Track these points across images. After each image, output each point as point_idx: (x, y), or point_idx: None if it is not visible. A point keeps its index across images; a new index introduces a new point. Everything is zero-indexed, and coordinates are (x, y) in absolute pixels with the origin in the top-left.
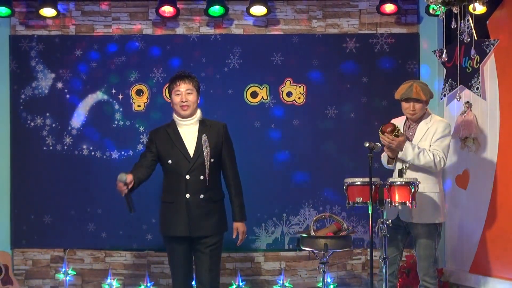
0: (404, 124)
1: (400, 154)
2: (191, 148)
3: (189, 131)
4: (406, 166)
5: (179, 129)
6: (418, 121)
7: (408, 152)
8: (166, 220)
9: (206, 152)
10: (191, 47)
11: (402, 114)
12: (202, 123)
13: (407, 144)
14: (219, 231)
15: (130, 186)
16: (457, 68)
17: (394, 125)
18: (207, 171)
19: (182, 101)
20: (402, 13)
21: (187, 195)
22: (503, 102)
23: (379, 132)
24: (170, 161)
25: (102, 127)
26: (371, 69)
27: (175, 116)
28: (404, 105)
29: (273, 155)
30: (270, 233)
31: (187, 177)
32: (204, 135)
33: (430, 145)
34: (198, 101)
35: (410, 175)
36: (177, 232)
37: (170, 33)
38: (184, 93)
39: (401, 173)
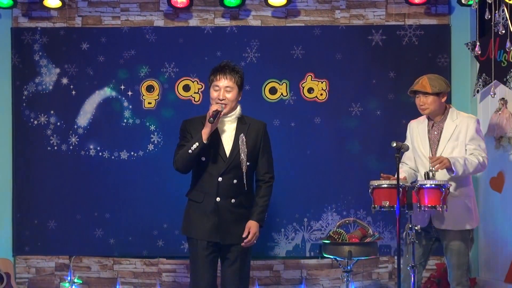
0: (426, 125)
1: (450, 174)
2: (227, 148)
3: (226, 130)
4: (433, 168)
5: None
6: (442, 118)
7: (457, 168)
8: (192, 221)
9: (243, 154)
10: (206, 40)
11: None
12: (240, 120)
13: (452, 160)
14: None
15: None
16: (491, 62)
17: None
18: (244, 176)
19: (219, 99)
20: (432, 3)
21: (218, 199)
22: None
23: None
24: (203, 158)
25: (110, 125)
26: (399, 63)
27: None
28: (415, 100)
29: (293, 155)
30: (290, 240)
31: (220, 179)
32: (242, 135)
33: (466, 145)
34: (240, 98)
35: (439, 177)
36: (205, 236)
37: (183, 25)
38: (222, 90)
39: (427, 175)
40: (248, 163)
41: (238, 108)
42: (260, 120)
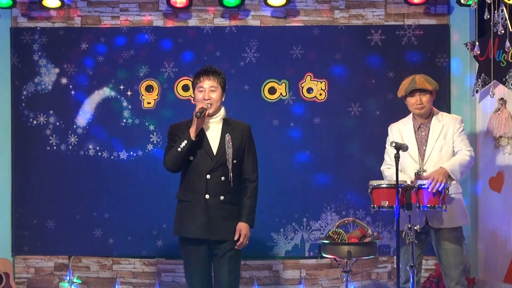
0: (412, 126)
1: (453, 182)
2: (214, 146)
3: (212, 130)
4: (423, 169)
5: (202, 126)
6: (428, 119)
7: (456, 174)
8: (182, 220)
9: (229, 152)
10: (205, 40)
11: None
12: (225, 122)
13: (449, 167)
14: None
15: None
16: (490, 62)
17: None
18: (230, 173)
19: (205, 99)
20: (432, 3)
21: (207, 196)
22: None
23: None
24: (192, 158)
25: (110, 125)
26: (398, 63)
27: None
28: (410, 100)
29: (292, 155)
30: (289, 239)
31: (208, 176)
32: (227, 134)
33: (454, 142)
34: (223, 99)
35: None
36: (195, 234)
37: (182, 25)
38: (207, 90)
39: (418, 175)
40: (234, 161)
41: (223, 109)
42: (244, 122)
